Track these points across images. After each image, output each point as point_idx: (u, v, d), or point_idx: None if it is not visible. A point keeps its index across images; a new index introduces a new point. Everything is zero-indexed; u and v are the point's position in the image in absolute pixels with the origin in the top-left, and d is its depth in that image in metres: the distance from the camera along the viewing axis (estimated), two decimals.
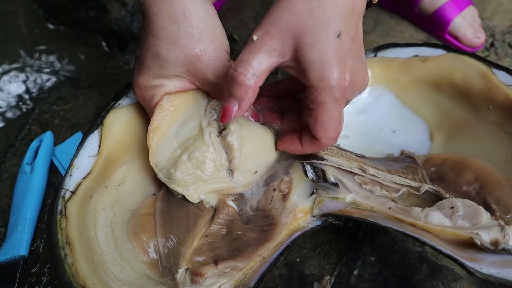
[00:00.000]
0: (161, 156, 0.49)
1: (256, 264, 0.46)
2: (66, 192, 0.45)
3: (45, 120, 0.72)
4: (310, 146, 0.49)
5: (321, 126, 0.46)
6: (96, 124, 0.51)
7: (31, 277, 0.55)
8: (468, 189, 0.52)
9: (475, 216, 0.46)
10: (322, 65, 0.43)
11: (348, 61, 0.44)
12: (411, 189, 0.53)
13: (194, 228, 0.48)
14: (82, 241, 0.43)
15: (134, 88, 0.51)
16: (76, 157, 0.48)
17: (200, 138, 0.49)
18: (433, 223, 0.46)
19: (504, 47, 0.88)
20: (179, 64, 0.48)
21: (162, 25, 0.47)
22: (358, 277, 0.53)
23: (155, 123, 0.49)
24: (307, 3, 0.43)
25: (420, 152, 0.59)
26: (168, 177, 0.48)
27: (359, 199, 0.51)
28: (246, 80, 0.44)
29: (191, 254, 0.46)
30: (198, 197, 0.49)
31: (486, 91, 0.54)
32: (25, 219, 0.58)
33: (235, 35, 0.85)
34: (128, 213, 0.48)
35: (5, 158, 0.67)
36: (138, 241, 0.46)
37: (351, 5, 0.45)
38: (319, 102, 0.45)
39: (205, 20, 0.48)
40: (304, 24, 0.43)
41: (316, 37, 0.43)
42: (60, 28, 1.11)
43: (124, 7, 1.03)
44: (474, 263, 0.42)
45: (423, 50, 0.60)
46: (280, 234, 0.49)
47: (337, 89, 0.44)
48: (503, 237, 0.42)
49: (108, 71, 0.82)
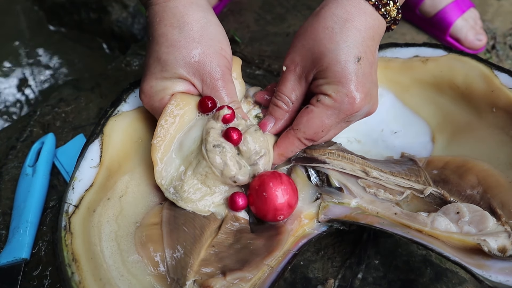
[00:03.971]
0: (166, 174, 0.49)
1: (264, 274, 0.45)
2: (69, 206, 0.45)
3: (47, 122, 0.72)
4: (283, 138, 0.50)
5: (307, 120, 0.48)
6: (96, 133, 0.50)
7: (33, 280, 0.54)
8: (472, 192, 0.52)
9: (481, 222, 0.46)
10: (339, 81, 0.46)
11: (365, 84, 0.46)
12: (415, 191, 0.52)
13: (201, 238, 0.47)
14: (89, 258, 0.42)
15: (141, 96, 0.51)
16: (77, 169, 0.48)
17: (200, 151, 0.48)
18: (439, 229, 0.46)
19: (506, 49, 0.88)
20: (179, 66, 0.48)
21: (164, 31, 0.48)
22: (362, 280, 0.53)
23: (158, 136, 0.48)
24: (329, 30, 0.46)
25: (422, 154, 0.59)
26: (176, 196, 0.48)
27: (364, 204, 0.51)
28: (284, 105, 0.49)
29: (198, 265, 0.45)
30: (209, 211, 0.49)
31: (489, 94, 0.54)
32: (27, 221, 0.57)
33: (236, 37, 0.85)
34: (133, 226, 0.48)
35: (7, 160, 0.67)
36: (146, 252, 0.45)
37: (372, 32, 0.47)
38: (323, 104, 0.47)
39: (206, 26, 0.49)
40: (324, 47, 0.46)
41: (336, 59, 0.45)
42: (61, 30, 1.11)
43: (125, 9, 1.03)
44: (482, 271, 0.42)
45: (423, 51, 0.60)
46: (287, 242, 0.48)
47: (345, 106, 0.46)
48: (510, 243, 0.43)
49: (110, 73, 0.82)
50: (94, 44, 1.08)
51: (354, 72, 0.45)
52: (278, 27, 0.89)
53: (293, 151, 0.51)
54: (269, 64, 0.81)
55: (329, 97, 0.46)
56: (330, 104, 0.46)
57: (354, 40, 0.46)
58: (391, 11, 0.48)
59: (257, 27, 0.89)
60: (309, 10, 0.91)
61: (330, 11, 0.47)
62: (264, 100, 0.54)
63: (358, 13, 0.46)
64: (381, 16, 0.48)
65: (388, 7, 0.47)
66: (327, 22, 0.46)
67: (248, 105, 0.55)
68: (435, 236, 0.45)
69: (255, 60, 0.82)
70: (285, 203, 0.48)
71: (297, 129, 0.49)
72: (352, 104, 0.46)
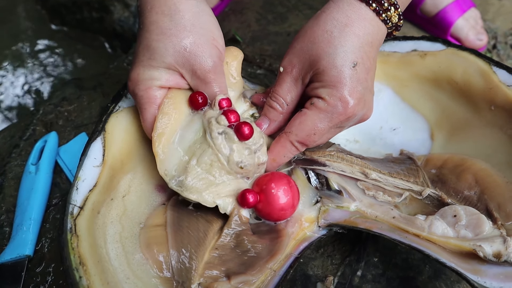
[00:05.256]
0: (169, 164, 0.48)
1: (268, 278, 0.46)
2: (74, 207, 0.44)
3: (50, 120, 0.73)
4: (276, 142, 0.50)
5: (299, 123, 0.48)
6: (98, 131, 0.49)
7: (36, 277, 0.55)
8: (469, 193, 0.52)
9: (478, 226, 0.47)
10: (334, 85, 0.46)
11: (359, 90, 0.47)
12: (413, 193, 0.53)
13: (204, 241, 0.48)
14: (95, 261, 0.42)
15: (128, 83, 0.49)
16: (80, 168, 0.47)
17: (205, 140, 0.48)
18: (437, 233, 0.47)
19: (507, 49, 0.88)
20: (168, 54, 0.47)
21: (155, 19, 0.47)
22: (361, 277, 0.54)
23: (158, 129, 0.48)
24: (328, 33, 0.46)
25: (421, 151, 0.58)
26: (180, 186, 0.47)
27: (363, 207, 0.51)
28: (279, 107, 0.50)
29: (202, 268, 0.46)
30: (214, 202, 0.48)
31: (487, 91, 0.54)
32: (30, 219, 0.58)
33: (237, 36, 0.86)
34: (137, 226, 0.48)
35: (10, 158, 0.68)
36: (151, 254, 0.45)
37: (371, 38, 0.47)
38: (316, 107, 0.47)
39: (198, 15, 0.48)
40: (322, 51, 0.46)
41: (332, 63, 0.46)
42: (63, 29, 1.12)
43: (127, 8, 1.03)
44: (478, 277, 0.42)
45: (421, 44, 0.59)
46: (288, 245, 0.49)
47: (338, 110, 0.46)
48: (505, 249, 0.43)
49: (112, 72, 0.83)
50: (96, 43, 1.09)
51: (349, 77, 0.46)
52: (279, 26, 0.89)
53: (285, 156, 0.50)
54: (270, 63, 0.81)
55: (323, 100, 0.46)
56: (323, 107, 0.46)
57: (352, 45, 0.46)
58: (392, 16, 0.48)
59: (258, 26, 0.89)
60: (310, 10, 0.92)
61: (331, 15, 0.47)
62: (261, 102, 0.54)
63: (358, 19, 0.46)
64: (382, 22, 0.48)
65: (389, 13, 0.47)
66: (327, 25, 0.47)
67: (244, 106, 0.54)
68: (433, 241, 0.46)
69: (256, 60, 0.82)
70: (290, 203, 0.49)
71: (289, 132, 0.48)
72: (345, 109, 0.46)
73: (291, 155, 0.51)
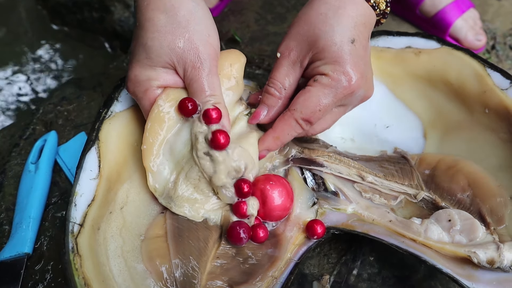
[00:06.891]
0: (159, 179, 0.48)
1: (270, 286, 0.46)
2: (74, 225, 0.44)
3: (49, 120, 0.73)
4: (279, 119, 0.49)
5: (304, 100, 0.48)
6: (92, 140, 0.48)
7: (35, 274, 0.56)
8: (462, 196, 0.52)
9: (471, 231, 0.48)
10: (336, 61, 0.46)
11: (361, 65, 0.47)
12: (408, 196, 0.53)
13: (206, 250, 0.47)
14: (100, 281, 0.42)
15: (127, 84, 0.49)
16: (77, 183, 0.46)
17: (192, 157, 0.48)
18: (432, 238, 0.48)
19: (505, 49, 0.88)
20: (163, 53, 0.46)
21: (150, 16, 0.47)
22: (357, 276, 0.54)
23: (148, 140, 0.47)
24: (322, 15, 0.47)
25: (414, 151, 0.58)
26: (169, 202, 0.48)
27: (360, 210, 0.52)
28: (277, 92, 0.50)
29: (206, 279, 0.46)
30: (202, 217, 0.49)
31: (481, 94, 0.53)
32: (29, 217, 0.59)
33: (236, 36, 0.86)
34: (137, 238, 0.47)
35: (10, 157, 0.68)
36: (154, 267, 0.45)
37: (364, 19, 0.48)
38: (320, 83, 0.47)
39: (193, 11, 0.47)
40: (319, 30, 0.47)
41: (331, 41, 0.46)
42: (64, 29, 1.12)
43: (128, 8, 1.04)
44: (472, 282, 0.44)
45: (416, 41, 0.58)
46: (287, 250, 0.49)
47: (342, 85, 0.46)
48: (498, 256, 0.45)
49: (112, 72, 0.83)
50: (96, 43, 1.09)
51: (349, 52, 0.46)
52: (278, 26, 0.89)
53: (289, 134, 0.49)
54: (269, 63, 0.82)
55: (326, 76, 0.47)
56: (327, 83, 0.47)
57: (347, 23, 0.47)
58: (380, 3, 0.49)
59: (257, 26, 0.90)
60: None
61: (323, 0, 0.48)
62: (257, 101, 0.53)
63: (349, 2, 0.48)
64: (371, 7, 0.49)
65: None
66: (321, 9, 0.48)
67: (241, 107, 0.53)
68: (429, 245, 0.47)
69: (255, 60, 0.82)
70: (286, 204, 0.49)
71: (294, 109, 0.48)
72: (349, 82, 0.46)
73: (295, 134, 0.50)
